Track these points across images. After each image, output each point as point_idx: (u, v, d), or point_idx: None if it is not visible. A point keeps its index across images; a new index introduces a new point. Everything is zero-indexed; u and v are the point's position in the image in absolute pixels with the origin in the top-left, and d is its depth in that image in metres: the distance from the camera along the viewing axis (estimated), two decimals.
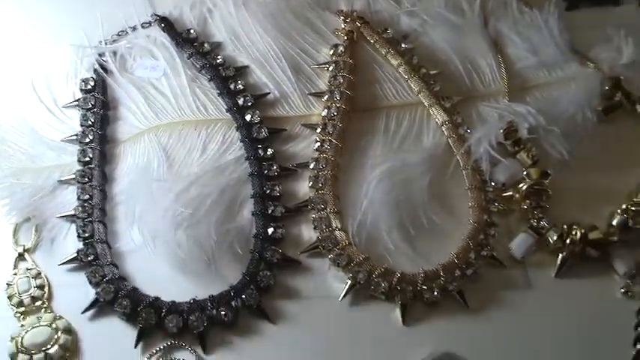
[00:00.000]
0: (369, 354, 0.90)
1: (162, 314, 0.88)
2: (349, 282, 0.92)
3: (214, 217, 0.94)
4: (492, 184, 1.02)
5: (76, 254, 0.92)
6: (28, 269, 0.92)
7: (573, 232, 0.95)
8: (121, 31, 1.13)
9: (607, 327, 0.93)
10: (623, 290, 0.95)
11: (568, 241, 0.96)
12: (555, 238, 0.96)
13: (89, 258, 0.92)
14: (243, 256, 0.95)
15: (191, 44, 1.11)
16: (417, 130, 1.06)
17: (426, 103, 1.07)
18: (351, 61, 1.09)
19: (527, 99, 1.09)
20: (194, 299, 0.89)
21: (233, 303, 0.90)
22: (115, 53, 1.10)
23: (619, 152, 1.07)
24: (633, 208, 0.98)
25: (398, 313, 0.92)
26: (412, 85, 1.08)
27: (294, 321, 0.92)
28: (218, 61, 1.09)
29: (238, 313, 0.90)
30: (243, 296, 0.90)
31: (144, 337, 0.88)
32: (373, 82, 1.10)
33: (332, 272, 0.95)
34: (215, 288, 0.92)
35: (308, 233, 0.98)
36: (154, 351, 0.88)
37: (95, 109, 1.03)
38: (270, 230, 0.95)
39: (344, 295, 0.92)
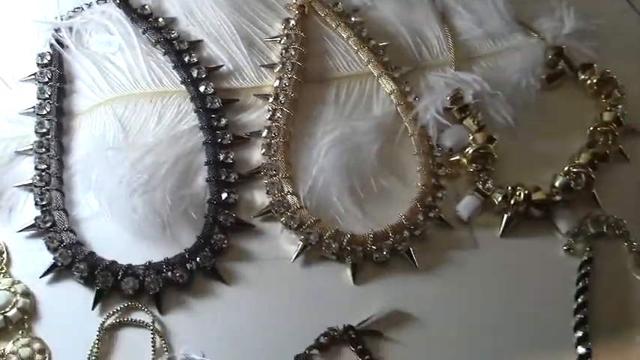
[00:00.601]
0: (320, 313, 0.92)
1: (119, 277, 0.90)
2: (301, 244, 0.95)
3: (169, 184, 0.97)
4: (440, 149, 1.03)
5: (34, 221, 0.94)
6: None
7: (517, 193, 0.99)
8: (77, 7, 1.14)
9: (551, 283, 0.97)
10: (565, 248, 0.99)
11: (512, 201, 0.99)
12: (500, 199, 0.99)
13: (47, 225, 0.93)
14: (197, 221, 0.97)
15: (146, 20, 1.13)
16: (366, 100, 1.09)
17: (375, 73, 1.10)
18: (302, 34, 1.12)
19: (474, 68, 1.12)
20: (149, 262, 0.91)
21: (188, 265, 0.92)
22: (70, 29, 1.11)
23: (562, 118, 1.11)
24: (575, 170, 1.02)
25: (348, 272, 0.95)
26: (361, 56, 1.11)
27: (248, 282, 0.94)
28: (172, 35, 1.12)
29: (193, 275, 0.92)
30: (198, 259, 0.93)
31: (101, 300, 0.90)
32: (324, 54, 1.13)
33: (284, 235, 0.97)
34: (171, 252, 0.94)
35: (261, 198, 1.00)
36: (111, 312, 0.89)
37: (52, 83, 1.05)
38: (224, 195, 0.97)
39: (296, 257, 0.95)
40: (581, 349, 0.91)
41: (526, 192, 0.99)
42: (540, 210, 0.99)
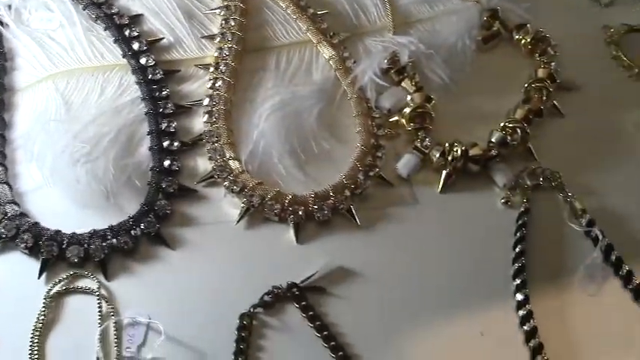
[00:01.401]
0: (265, 273, 0.94)
1: (64, 246, 0.91)
2: (244, 206, 0.96)
3: (112, 154, 0.98)
4: (379, 110, 1.05)
5: None
6: None
7: (455, 150, 1.01)
8: None
9: (490, 235, 1.00)
10: (503, 201, 1.01)
11: (450, 157, 1.01)
12: (438, 155, 1.01)
13: None
14: (141, 189, 0.98)
15: None
16: (306, 66, 1.11)
17: (314, 40, 1.12)
18: (241, 5, 1.14)
19: (411, 32, 1.15)
20: (94, 230, 0.92)
21: (132, 232, 0.94)
22: (9, 7, 1.12)
23: (498, 77, 1.14)
24: (511, 125, 1.04)
25: (291, 233, 0.97)
26: (300, 24, 1.13)
27: (192, 246, 0.96)
28: (113, 10, 1.13)
29: (138, 241, 0.94)
30: (142, 225, 0.94)
31: (47, 269, 0.91)
32: (264, 23, 1.15)
33: (227, 199, 0.99)
34: (115, 220, 0.95)
35: (204, 165, 1.02)
36: (57, 280, 0.90)
37: None
38: (167, 163, 0.99)
39: (239, 219, 0.97)
40: (519, 296, 0.93)
41: (463, 148, 1.01)
42: (477, 165, 1.02)
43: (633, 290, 0.95)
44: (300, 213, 0.96)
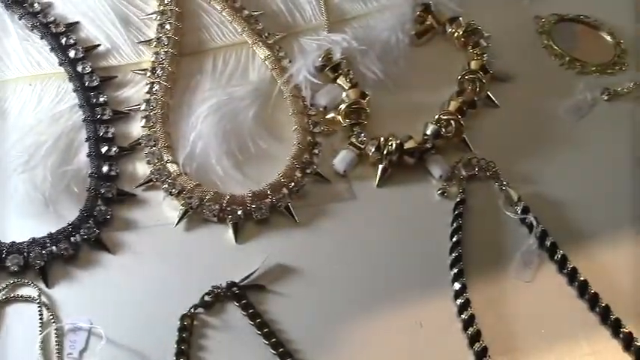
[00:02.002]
0: (205, 273, 0.95)
1: (3, 255, 0.92)
2: (183, 208, 0.97)
3: (50, 161, 0.99)
4: (314, 108, 1.07)
5: None
6: None
7: (390, 144, 1.03)
8: None
9: (427, 226, 1.02)
10: (439, 192, 1.03)
11: (385, 152, 1.03)
12: (373, 150, 1.03)
13: None
14: (81, 196, 0.98)
15: (21, 5, 1.14)
16: (242, 67, 1.13)
17: (249, 41, 1.13)
18: (177, 9, 1.14)
19: (346, 29, 1.16)
20: (33, 238, 0.93)
21: (72, 238, 0.94)
22: None
23: (433, 71, 1.16)
24: (445, 117, 1.06)
25: (230, 232, 0.98)
26: (236, 26, 1.14)
27: (133, 250, 0.97)
28: (49, 19, 1.13)
29: (78, 248, 0.95)
30: (82, 231, 0.95)
31: None
32: (200, 27, 1.16)
33: (167, 202, 1.00)
34: (55, 228, 0.96)
35: (142, 169, 1.03)
36: None
37: None
38: (105, 169, 1.00)
39: (178, 221, 0.98)
40: (456, 285, 0.95)
41: (398, 142, 1.03)
42: (413, 158, 1.03)
43: (568, 274, 0.96)
44: (239, 213, 0.97)
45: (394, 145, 1.02)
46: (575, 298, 0.97)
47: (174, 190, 0.98)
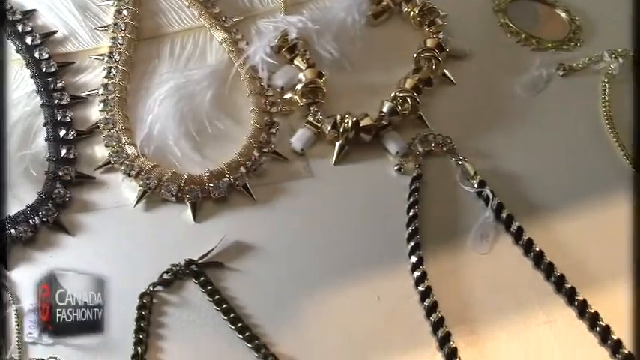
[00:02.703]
0: (165, 252, 0.96)
1: None
2: (141, 189, 0.98)
3: (8, 147, 0.99)
4: (271, 88, 1.08)
5: None
6: None
7: (346, 121, 1.04)
8: None
9: (385, 202, 1.03)
10: (396, 168, 1.04)
11: (342, 129, 1.04)
12: (330, 128, 1.04)
13: None
14: (39, 179, 0.99)
15: None
16: (200, 51, 1.14)
17: (206, 25, 1.14)
18: None
19: (303, 11, 1.17)
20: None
21: (31, 221, 0.95)
22: None
23: (390, 50, 1.17)
24: (401, 95, 1.08)
25: (189, 212, 0.98)
26: (193, 10, 1.15)
27: (92, 231, 0.98)
28: (6, 7, 1.13)
29: (37, 230, 0.95)
30: (40, 213, 0.95)
31: None
32: (157, 12, 1.16)
33: (126, 184, 1.01)
34: (15, 211, 0.96)
35: (101, 153, 1.03)
36: None
37: None
38: (63, 152, 1.00)
39: (137, 202, 0.99)
40: (413, 258, 0.96)
41: (354, 119, 1.04)
42: (369, 135, 1.05)
43: (524, 245, 0.98)
44: (197, 192, 0.98)
45: (350, 123, 1.03)
46: (531, 268, 0.99)
47: (132, 172, 0.99)
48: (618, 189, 1.05)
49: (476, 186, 1.03)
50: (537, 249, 0.97)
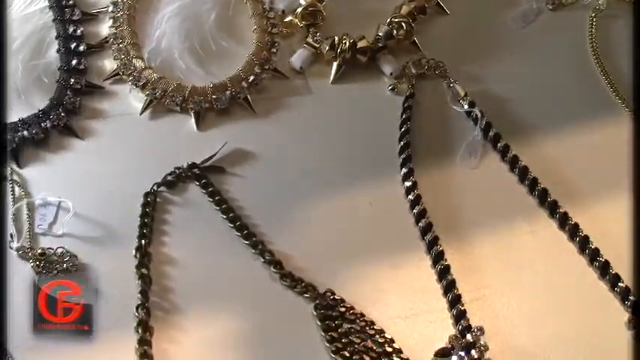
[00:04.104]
0: (168, 157, 1.01)
1: None
2: (147, 98, 1.03)
3: (21, 55, 1.04)
4: (273, 10, 1.13)
5: None
6: None
7: (343, 42, 1.09)
8: None
9: (378, 119, 1.08)
10: (390, 88, 1.09)
11: (339, 50, 1.09)
12: (328, 48, 1.09)
13: None
14: (50, 88, 1.04)
15: None
16: None
17: None
18: None
19: None
20: (4, 122, 0.99)
21: (42, 124, 1.00)
22: None
23: None
24: (396, 20, 1.13)
25: (192, 121, 1.04)
26: None
27: (101, 136, 1.03)
28: None
29: (48, 133, 1.00)
30: (52, 116, 1.01)
31: None
32: None
33: (133, 94, 1.06)
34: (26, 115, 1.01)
35: (110, 65, 1.08)
36: None
37: None
38: (74, 62, 1.06)
39: (143, 110, 1.04)
40: (404, 170, 1.02)
41: (351, 40, 1.09)
42: (365, 56, 1.10)
43: (509, 162, 1.03)
44: (200, 102, 1.03)
45: (348, 44, 1.09)
46: (516, 183, 1.04)
47: (139, 83, 1.04)
48: (603, 115, 1.10)
49: (466, 107, 1.07)
50: (522, 165, 1.02)
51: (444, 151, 1.05)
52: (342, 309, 0.89)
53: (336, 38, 1.08)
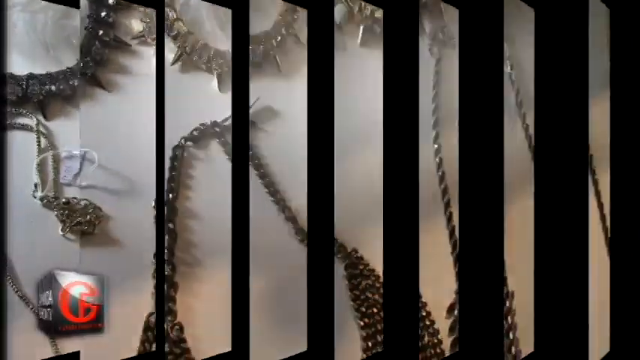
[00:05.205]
0: (193, 112, 1.03)
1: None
2: (179, 51, 1.04)
3: (51, 13, 1.04)
4: None
5: None
6: None
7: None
8: None
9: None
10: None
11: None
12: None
13: None
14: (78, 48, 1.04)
15: None
16: None
17: None
18: None
19: None
20: (31, 73, 0.99)
21: (70, 81, 1.01)
22: None
23: None
24: None
25: (215, 81, 1.05)
26: None
27: (127, 90, 1.04)
28: None
29: (75, 89, 1.01)
30: (80, 70, 1.01)
31: None
32: None
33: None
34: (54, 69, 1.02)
35: (137, 27, 1.08)
36: None
37: None
38: (103, 13, 1.05)
39: (174, 61, 1.05)
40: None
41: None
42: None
43: None
44: (224, 65, 1.04)
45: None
46: None
47: (171, 33, 1.05)
48: None
49: None
50: None
51: None
52: (361, 267, 0.89)
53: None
